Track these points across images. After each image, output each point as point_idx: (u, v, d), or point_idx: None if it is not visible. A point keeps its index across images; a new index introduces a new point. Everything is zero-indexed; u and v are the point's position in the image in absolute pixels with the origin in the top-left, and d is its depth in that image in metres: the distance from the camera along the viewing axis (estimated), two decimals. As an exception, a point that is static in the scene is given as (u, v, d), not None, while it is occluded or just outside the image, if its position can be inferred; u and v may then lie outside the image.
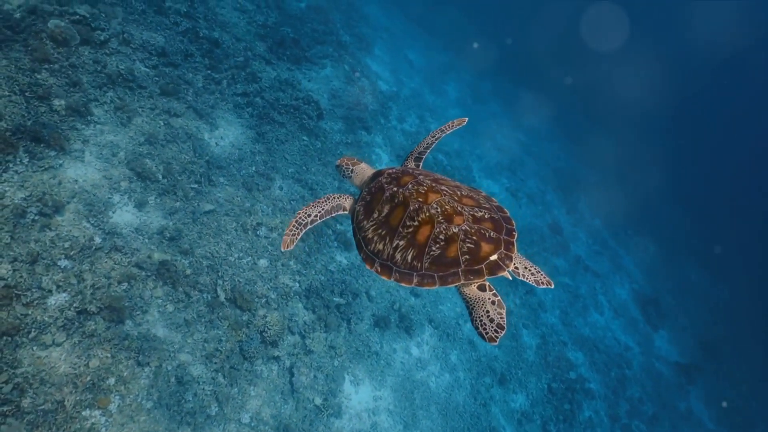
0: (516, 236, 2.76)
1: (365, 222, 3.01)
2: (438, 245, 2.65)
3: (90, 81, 7.50)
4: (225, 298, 7.07)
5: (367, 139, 12.23)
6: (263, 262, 7.84)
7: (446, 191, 2.86)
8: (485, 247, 2.63)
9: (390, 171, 3.16)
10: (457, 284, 2.63)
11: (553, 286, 2.86)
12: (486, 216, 2.79)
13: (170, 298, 6.55)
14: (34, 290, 5.44)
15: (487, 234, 2.69)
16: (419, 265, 2.67)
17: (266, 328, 7.21)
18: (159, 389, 5.89)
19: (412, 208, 2.78)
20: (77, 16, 7.68)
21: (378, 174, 3.23)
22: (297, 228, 3.18)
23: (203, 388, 6.32)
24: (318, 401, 7.39)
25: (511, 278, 2.74)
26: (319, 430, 7.22)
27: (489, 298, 2.64)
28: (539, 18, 31.59)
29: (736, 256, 25.25)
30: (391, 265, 2.76)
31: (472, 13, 29.28)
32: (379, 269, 2.81)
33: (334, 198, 3.35)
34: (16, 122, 6.25)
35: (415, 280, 2.66)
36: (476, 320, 2.59)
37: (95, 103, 7.36)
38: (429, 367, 9.47)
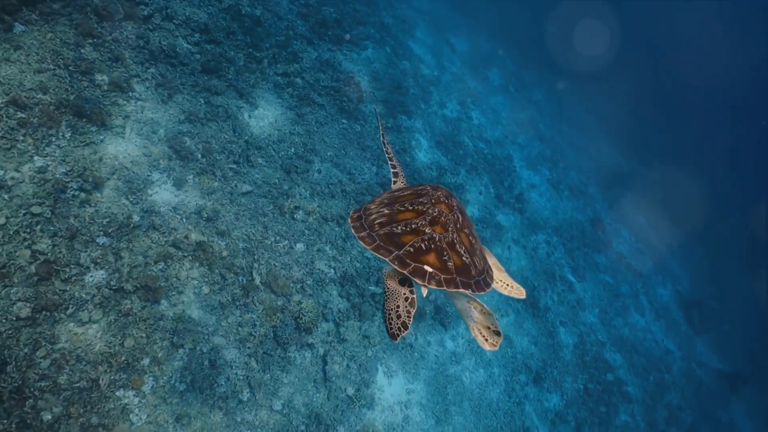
0: (467, 291, 2.78)
1: (386, 194, 3.40)
2: (402, 228, 2.85)
3: (132, 56, 7.40)
4: (260, 282, 6.94)
5: (407, 124, 11.88)
6: (300, 247, 7.67)
7: (459, 218, 3.03)
8: (431, 258, 2.74)
9: (440, 185, 3.39)
10: (383, 259, 2.74)
11: (496, 348, 2.82)
12: (465, 260, 2.86)
13: (206, 279, 6.45)
14: (72, 266, 5.39)
15: (446, 261, 2.77)
16: (377, 228, 2.90)
17: (301, 315, 7.05)
18: (192, 372, 5.81)
19: (420, 200, 3.04)
20: (122, -10, 7.58)
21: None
22: (385, 138, 3.78)
23: (236, 373, 6.22)
24: (350, 391, 7.22)
25: (425, 295, 2.86)
26: (351, 420, 7.07)
27: (404, 294, 2.71)
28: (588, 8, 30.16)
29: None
30: (362, 219, 3.05)
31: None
32: (354, 217, 3.10)
33: (398, 169, 3.78)
34: (60, 96, 6.20)
35: (361, 234, 2.91)
36: (386, 312, 2.67)
37: (137, 79, 7.27)
38: (463, 361, 9.19)
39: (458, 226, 2.98)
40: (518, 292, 3.30)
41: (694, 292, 19.01)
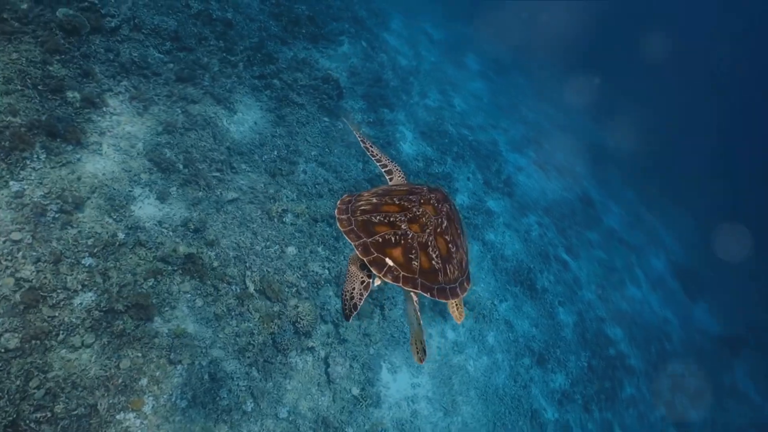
0: (424, 293, 2.79)
1: (383, 187, 3.44)
2: (381, 219, 2.89)
3: (103, 70, 7.20)
4: (254, 290, 6.82)
5: (390, 117, 11.77)
6: (291, 250, 7.55)
7: (444, 224, 3.02)
8: (396, 253, 2.77)
9: (440, 189, 3.38)
10: (350, 242, 2.82)
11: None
12: (435, 264, 2.85)
13: (198, 292, 6.31)
14: (59, 291, 5.23)
15: (411, 259, 2.77)
16: (357, 215, 2.94)
17: (299, 318, 6.95)
18: (193, 387, 5.69)
19: (409, 197, 3.07)
20: (86, 3, 7.33)
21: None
22: (365, 143, 3.81)
23: (238, 384, 6.11)
24: (355, 391, 7.14)
25: (376, 284, 2.89)
26: (359, 420, 6.99)
27: (361, 278, 2.81)
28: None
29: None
30: (351, 203, 3.07)
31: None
32: (343, 200, 3.13)
33: (391, 167, 3.77)
34: (31, 117, 6.00)
35: (341, 216, 2.96)
36: (342, 293, 2.81)
37: (110, 93, 7.08)
38: (466, 350, 9.15)
39: (439, 230, 2.96)
40: (459, 315, 3.34)
41: (688, 260, 19.17)
